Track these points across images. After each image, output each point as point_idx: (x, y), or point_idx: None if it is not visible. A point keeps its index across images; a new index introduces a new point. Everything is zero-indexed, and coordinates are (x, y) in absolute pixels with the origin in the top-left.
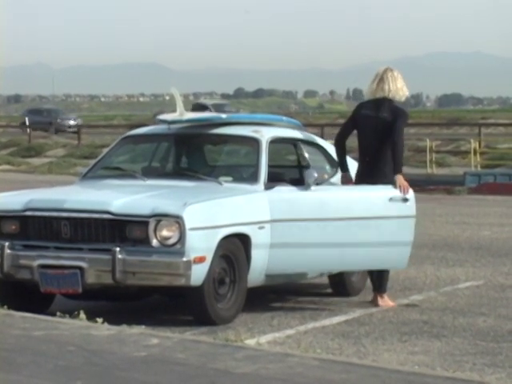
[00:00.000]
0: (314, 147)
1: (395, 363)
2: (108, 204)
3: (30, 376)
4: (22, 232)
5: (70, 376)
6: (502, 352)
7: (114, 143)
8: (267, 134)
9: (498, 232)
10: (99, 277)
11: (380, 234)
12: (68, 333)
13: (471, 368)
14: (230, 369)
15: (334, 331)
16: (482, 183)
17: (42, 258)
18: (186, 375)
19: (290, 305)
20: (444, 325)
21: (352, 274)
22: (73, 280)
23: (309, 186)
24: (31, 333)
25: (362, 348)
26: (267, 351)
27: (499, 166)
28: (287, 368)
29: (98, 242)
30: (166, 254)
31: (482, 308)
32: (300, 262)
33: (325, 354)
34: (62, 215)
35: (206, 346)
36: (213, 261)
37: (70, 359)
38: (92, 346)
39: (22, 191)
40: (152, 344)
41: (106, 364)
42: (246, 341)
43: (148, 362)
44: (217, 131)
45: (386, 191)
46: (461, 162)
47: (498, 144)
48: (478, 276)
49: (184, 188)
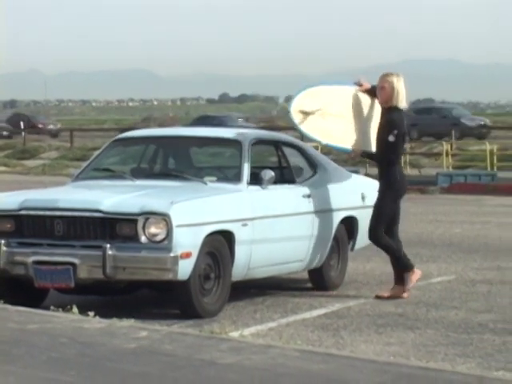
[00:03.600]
0: (294, 149)
1: (372, 354)
2: (99, 203)
3: (25, 367)
4: (17, 230)
5: (63, 367)
6: (472, 343)
7: (104, 146)
8: (249, 136)
9: (469, 229)
10: (91, 272)
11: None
12: (61, 326)
13: (443, 358)
14: (215, 359)
15: (313, 324)
16: (453, 183)
17: (36, 255)
18: (174, 366)
19: (272, 299)
20: (418, 317)
21: (331, 270)
22: (65, 275)
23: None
24: (26, 326)
25: (340, 340)
26: (250, 343)
27: (469, 167)
28: (269, 359)
29: (89, 239)
30: (154, 250)
31: (453, 302)
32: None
33: (305, 345)
34: (55, 214)
35: (192, 338)
36: (198, 256)
37: (63, 351)
38: (84, 339)
39: (17, 191)
40: (141, 336)
41: (98, 355)
42: (230, 333)
43: (137, 353)
44: (202, 134)
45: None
46: (434, 163)
47: (468, 146)
48: (449, 271)
49: (171, 188)
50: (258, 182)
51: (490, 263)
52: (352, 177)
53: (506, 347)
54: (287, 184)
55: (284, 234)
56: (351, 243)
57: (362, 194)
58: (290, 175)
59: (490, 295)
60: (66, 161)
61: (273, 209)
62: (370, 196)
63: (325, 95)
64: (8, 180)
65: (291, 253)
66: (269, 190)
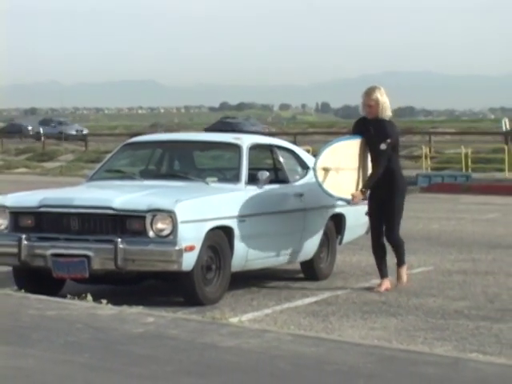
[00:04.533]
0: (287, 152)
1: (358, 338)
2: (111, 201)
3: (44, 350)
4: (37, 226)
5: (78, 350)
6: (448, 328)
7: (116, 149)
8: (247, 140)
9: (446, 225)
10: (103, 264)
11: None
12: (76, 312)
13: (423, 342)
14: (216, 343)
15: (305, 310)
16: (431, 183)
17: (54, 248)
18: (178, 348)
19: (267, 288)
20: (399, 305)
21: (321, 262)
22: (81, 267)
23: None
24: (44, 312)
25: (329, 325)
26: (248, 328)
27: (446, 168)
28: (265, 342)
29: (102, 233)
30: (161, 244)
31: (431, 290)
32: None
33: (297, 330)
34: (71, 211)
35: (195, 323)
36: (201, 249)
37: (78, 335)
38: (97, 324)
39: (36, 191)
40: (148, 322)
41: (110, 339)
42: (229, 319)
43: (145, 337)
44: (204, 138)
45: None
46: (414, 165)
47: (445, 150)
48: (428, 263)
49: (176, 187)
50: (255, 182)
51: (465, 255)
52: None
53: (479, 331)
54: (281, 184)
55: (278, 229)
56: (339, 238)
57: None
58: (283, 176)
59: (464, 284)
60: (81, 163)
61: (268, 206)
62: None
63: (340, 151)
64: (28, 180)
65: (285, 246)
66: (265, 189)
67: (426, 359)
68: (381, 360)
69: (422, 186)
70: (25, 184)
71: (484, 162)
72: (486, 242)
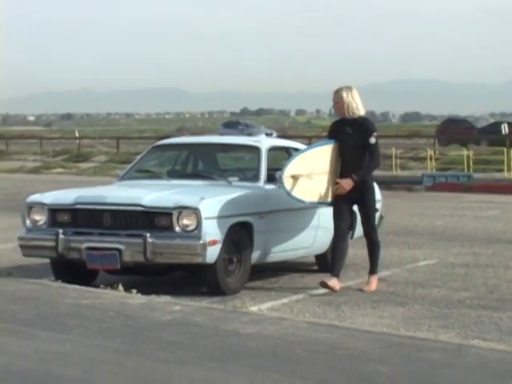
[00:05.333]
0: None
1: (368, 325)
2: (140, 199)
3: (79, 335)
4: (73, 221)
5: (110, 335)
6: (452, 316)
7: (145, 151)
8: (266, 143)
9: (449, 221)
10: (134, 256)
11: None
12: (109, 301)
13: (428, 329)
14: (237, 330)
15: (319, 300)
16: (436, 183)
17: (89, 242)
18: (203, 335)
19: (284, 279)
20: (406, 295)
21: None
22: (113, 259)
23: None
24: (80, 301)
25: (341, 313)
26: (266, 316)
27: (450, 169)
28: (282, 329)
29: (132, 228)
30: (187, 238)
31: (436, 281)
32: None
33: (312, 318)
34: (104, 208)
35: (218, 311)
36: (223, 244)
37: (111, 322)
38: (128, 312)
39: (72, 189)
40: (175, 310)
41: (139, 326)
42: (249, 308)
43: (172, 324)
44: (226, 141)
45: None
46: (419, 165)
47: (448, 152)
48: (433, 256)
49: (200, 186)
50: (273, 181)
51: (467, 250)
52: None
53: (480, 320)
54: None
55: (294, 224)
56: (350, 233)
57: None
58: None
59: (466, 276)
60: (113, 164)
61: (285, 204)
62: None
63: (313, 157)
64: (64, 180)
65: (300, 241)
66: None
67: (431, 345)
68: (389, 346)
69: (427, 185)
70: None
71: (484, 163)
72: (486, 237)
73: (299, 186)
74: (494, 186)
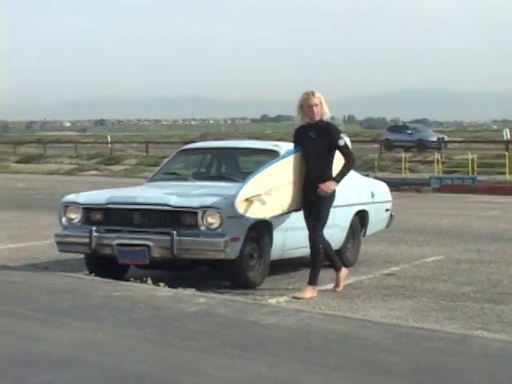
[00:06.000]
0: None
1: (379, 317)
2: (168, 199)
3: (111, 325)
4: (105, 219)
5: (140, 325)
6: (457, 309)
7: (172, 155)
8: (285, 147)
9: (455, 220)
10: (161, 252)
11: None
12: (138, 294)
13: (435, 320)
14: (258, 320)
15: (334, 293)
16: (442, 185)
17: (120, 239)
18: (226, 325)
19: (301, 274)
20: (415, 289)
21: (347, 251)
22: (142, 255)
23: None
24: (111, 293)
25: (354, 306)
26: (285, 308)
27: (455, 172)
28: (299, 320)
29: (160, 226)
30: (210, 236)
31: (442, 276)
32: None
33: (327, 310)
34: (134, 207)
35: (240, 303)
36: (245, 241)
37: (140, 313)
38: (156, 304)
39: (105, 190)
40: (200, 302)
41: (167, 317)
42: (269, 300)
43: (197, 315)
44: (247, 146)
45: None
46: (427, 168)
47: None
48: (439, 252)
49: (223, 187)
50: None
51: (471, 247)
52: (364, 179)
53: (483, 312)
54: None
55: None
56: (363, 231)
57: (372, 193)
58: None
59: (471, 272)
60: (143, 166)
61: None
62: (378, 194)
63: (271, 174)
64: (98, 181)
65: None
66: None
67: (437, 335)
68: (399, 336)
69: (434, 186)
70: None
71: (488, 166)
72: (489, 235)
73: (256, 206)
74: (496, 187)
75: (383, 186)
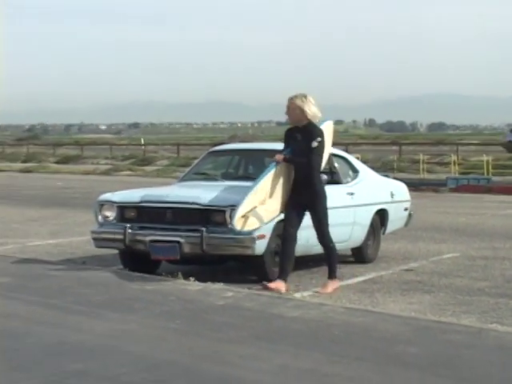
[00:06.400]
0: (340, 159)
1: (398, 310)
2: (198, 198)
3: (144, 317)
4: (139, 217)
5: (171, 317)
6: (472, 303)
7: (202, 156)
8: None
9: (471, 219)
10: (192, 248)
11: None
12: (170, 287)
13: (451, 314)
14: (282, 313)
15: (355, 288)
16: (459, 185)
17: (152, 235)
18: (252, 317)
19: (324, 269)
20: (432, 284)
21: (368, 248)
22: (173, 250)
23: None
24: (144, 287)
25: (374, 300)
26: (308, 301)
27: (471, 173)
28: (322, 313)
29: (190, 224)
30: (238, 233)
31: (459, 272)
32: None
33: (348, 303)
34: (166, 206)
35: (265, 297)
36: (270, 238)
37: (171, 306)
38: (186, 297)
39: (138, 189)
40: (228, 296)
41: (196, 309)
42: (293, 294)
43: (225, 308)
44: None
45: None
46: (444, 169)
47: (470, 157)
48: (456, 250)
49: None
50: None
51: (486, 244)
52: (383, 179)
53: (498, 306)
54: (335, 184)
55: (333, 221)
56: (383, 229)
57: (391, 192)
58: (338, 178)
59: (486, 268)
60: (174, 167)
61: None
62: (397, 194)
63: (267, 183)
64: (131, 181)
65: (339, 235)
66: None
67: (454, 328)
68: (417, 329)
69: (451, 187)
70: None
71: (502, 167)
72: (504, 233)
73: (251, 219)
74: (510, 187)
75: (402, 186)
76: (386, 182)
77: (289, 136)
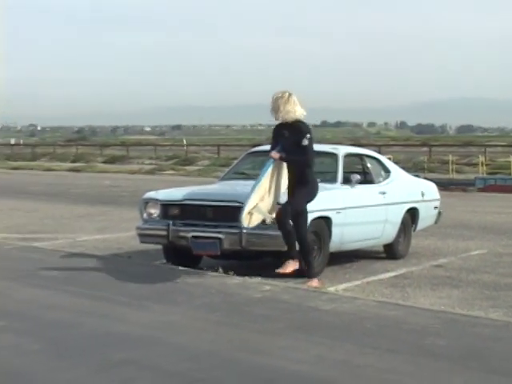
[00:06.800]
0: (373, 159)
1: (428, 304)
2: (238, 196)
3: (186, 309)
4: (181, 214)
5: (211, 309)
6: (499, 298)
7: (241, 156)
8: (343, 150)
9: (498, 217)
10: (231, 244)
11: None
12: (210, 281)
13: (479, 308)
14: (317, 306)
15: (387, 282)
16: (486, 185)
17: (194, 232)
18: (289, 310)
19: (357, 264)
20: (461, 279)
21: (399, 244)
22: (214, 246)
23: (354, 185)
24: (186, 281)
25: (405, 294)
26: (342, 295)
27: (498, 173)
28: (355, 307)
29: (230, 221)
30: (276, 229)
31: (486, 268)
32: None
33: (380, 297)
34: (207, 204)
35: (302, 291)
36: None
37: (212, 298)
38: (226, 290)
39: (181, 188)
40: (265, 289)
41: (235, 302)
42: (328, 288)
43: (263, 301)
44: None
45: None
46: (472, 170)
47: (497, 158)
48: (483, 247)
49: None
50: (349, 182)
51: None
52: (414, 179)
53: None
54: (368, 184)
55: (366, 219)
56: (413, 226)
57: (422, 192)
58: (370, 178)
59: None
60: (215, 167)
61: (358, 201)
62: (428, 193)
63: (267, 180)
64: (174, 180)
65: (371, 233)
66: (356, 188)
67: (482, 322)
68: (446, 322)
69: (479, 186)
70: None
71: None
72: None
73: (255, 216)
74: None
75: (432, 185)
76: (417, 182)
77: (277, 133)
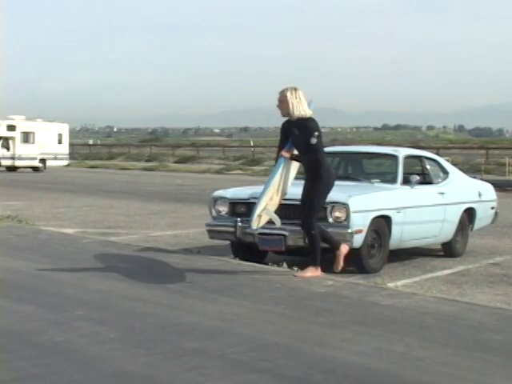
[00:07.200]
0: (432, 161)
1: (485, 301)
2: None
3: (252, 302)
4: (248, 212)
5: (276, 302)
6: None
7: None
8: (403, 152)
9: None
10: (296, 241)
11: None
12: (276, 276)
13: None
14: (377, 301)
15: (444, 279)
16: None
17: (261, 229)
18: (350, 304)
19: (416, 262)
20: None
21: (457, 243)
22: (279, 242)
23: (413, 185)
24: (253, 275)
25: (462, 291)
26: (401, 291)
27: None
28: (414, 302)
29: (295, 219)
30: (338, 228)
31: None
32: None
33: (439, 293)
34: None
35: (362, 286)
36: (367, 232)
37: (277, 292)
38: (291, 284)
39: (247, 187)
40: (328, 284)
41: (300, 296)
42: (387, 284)
43: (326, 295)
44: (370, 150)
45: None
46: None
47: None
48: None
49: (349, 186)
50: (408, 183)
51: None
52: (472, 180)
53: None
54: (427, 185)
55: (425, 218)
56: (471, 226)
57: (479, 192)
58: (429, 179)
59: None
60: None
61: (418, 201)
62: (485, 194)
63: (277, 181)
64: (242, 179)
65: (430, 231)
66: (415, 188)
67: None
68: (502, 318)
69: None
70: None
71: None
72: None
73: (264, 217)
74: None
75: (489, 186)
76: (474, 183)
77: (286, 129)
